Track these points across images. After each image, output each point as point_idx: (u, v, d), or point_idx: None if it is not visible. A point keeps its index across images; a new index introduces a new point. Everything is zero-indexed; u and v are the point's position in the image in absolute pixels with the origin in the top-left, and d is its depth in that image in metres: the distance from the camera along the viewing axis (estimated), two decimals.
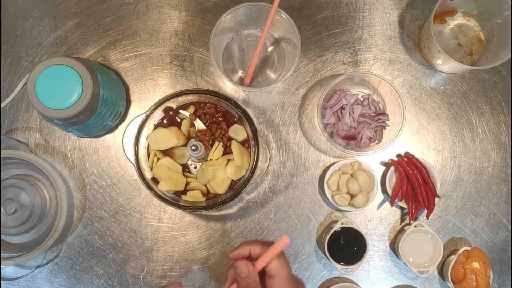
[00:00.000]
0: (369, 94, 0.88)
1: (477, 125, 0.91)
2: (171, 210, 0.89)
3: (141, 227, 0.89)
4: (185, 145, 0.86)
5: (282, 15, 0.82)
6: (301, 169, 0.90)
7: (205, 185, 0.85)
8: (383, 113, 0.87)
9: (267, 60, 0.90)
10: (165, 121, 0.86)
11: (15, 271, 0.87)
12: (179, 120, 0.87)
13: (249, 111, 0.86)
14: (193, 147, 0.81)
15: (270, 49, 0.91)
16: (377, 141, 0.88)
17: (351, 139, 0.87)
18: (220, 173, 0.84)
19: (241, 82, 0.89)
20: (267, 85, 0.89)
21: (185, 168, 0.86)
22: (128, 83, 0.91)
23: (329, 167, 0.88)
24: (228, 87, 0.91)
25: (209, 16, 0.91)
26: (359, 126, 0.87)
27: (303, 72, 0.91)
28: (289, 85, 0.91)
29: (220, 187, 0.84)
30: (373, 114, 0.87)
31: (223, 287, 0.58)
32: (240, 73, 0.90)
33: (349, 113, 0.87)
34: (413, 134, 0.91)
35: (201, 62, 0.91)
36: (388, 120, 0.87)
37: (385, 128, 0.88)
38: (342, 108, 0.87)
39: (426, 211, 0.86)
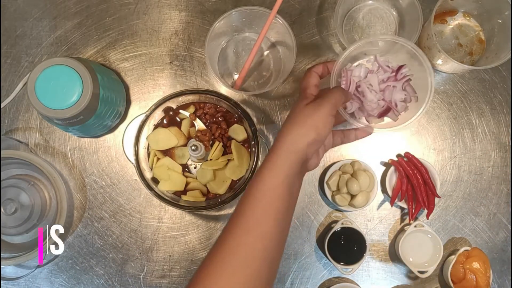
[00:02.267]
0: (373, 56, 0.78)
1: (477, 125, 0.91)
2: (171, 210, 0.89)
3: (141, 227, 0.89)
4: (185, 145, 0.86)
5: (278, 19, 0.81)
6: None
7: (205, 185, 0.85)
8: (401, 66, 0.76)
9: (263, 64, 0.90)
10: (165, 121, 0.86)
11: (15, 271, 0.87)
12: (179, 120, 0.87)
13: (249, 111, 0.86)
14: (193, 147, 0.81)
15: (266, 52, 0.90)
16: (412, 99, 0.77)
17: (387, 112, 0.76)
18: (220, 173, 0.84)
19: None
20: (262, 88, 0.88)
21: (185, 168, 0.86)
22: (128, 83, 0.91)
23: (329, 167, 0.88)
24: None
25: (209, 16, 0.91)
26: (386, 94, 0.76)
27: (303, 72, 0.91)
28: (289, 85, 0.91)
29: (220, 187, 0.84)
30: (392, 74, 0.76)
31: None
32: (235, 76, 0.90)
33: (368, 87, 0.76)
34: (413, 134, 0.91)
35: (201, 62, 0.91)
36: (409, 69, 0.76)
37: (411, 80, 0.76)
38: (358, 86, 0.76)
39: (426, 211, 0.86)
